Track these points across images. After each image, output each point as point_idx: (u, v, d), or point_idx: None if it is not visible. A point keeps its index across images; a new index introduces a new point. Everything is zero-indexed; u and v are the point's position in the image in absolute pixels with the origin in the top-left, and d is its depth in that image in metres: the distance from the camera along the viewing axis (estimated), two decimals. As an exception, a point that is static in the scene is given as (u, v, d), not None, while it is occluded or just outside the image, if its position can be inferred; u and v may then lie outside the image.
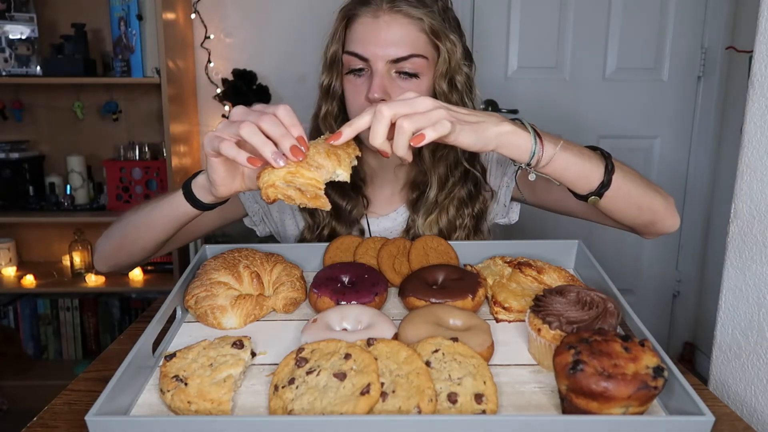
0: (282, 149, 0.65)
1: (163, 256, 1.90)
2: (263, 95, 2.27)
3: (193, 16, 2.30)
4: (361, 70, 0.94)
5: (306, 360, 0.59)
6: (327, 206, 0.66)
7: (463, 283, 0.76)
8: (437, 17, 0.94)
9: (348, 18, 0.95)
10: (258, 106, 0.69)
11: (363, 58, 0.92)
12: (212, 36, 2.32)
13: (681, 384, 0.53)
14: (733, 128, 2.30)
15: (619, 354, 0.52)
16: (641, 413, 0.52)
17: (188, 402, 0.56)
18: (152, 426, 0.52)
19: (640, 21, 2.32)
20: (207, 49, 2.32)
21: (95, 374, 0.71)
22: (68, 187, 2.30)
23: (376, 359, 0.58)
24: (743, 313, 0.80)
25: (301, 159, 0.65)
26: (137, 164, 2.25)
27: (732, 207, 0.82)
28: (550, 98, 2.39)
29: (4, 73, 2.14)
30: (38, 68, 2.17)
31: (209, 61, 2.33)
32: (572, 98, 2.39)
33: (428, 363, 0.58)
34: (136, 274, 2.30)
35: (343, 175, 0.68)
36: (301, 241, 1.07)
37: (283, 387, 0.56)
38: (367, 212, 1.07)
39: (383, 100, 0.91)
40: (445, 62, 0.95)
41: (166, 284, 2.23)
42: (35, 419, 0.61)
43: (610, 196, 0.78)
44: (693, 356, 2.57)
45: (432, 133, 0.65)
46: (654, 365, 0.52)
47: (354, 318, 0.69)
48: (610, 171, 0.76)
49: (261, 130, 0.65)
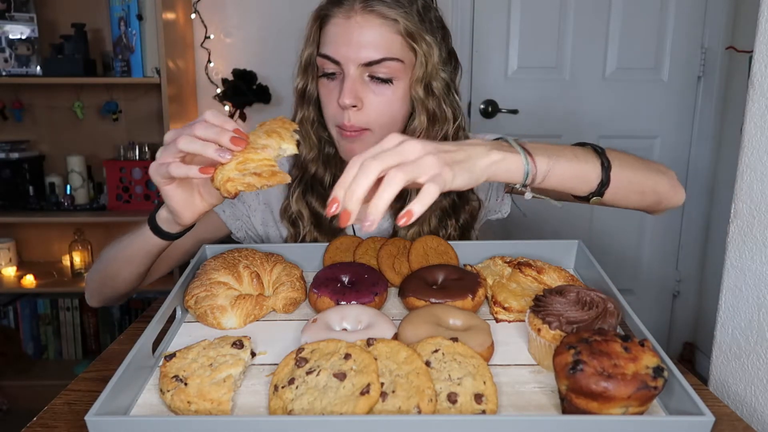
0: (223, 144, 0.66)
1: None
2: (263, 95, 2.27)
3: (193, 16, 2.30)
4: (334, 74, 0.91)
5: (306, 360, 0.59)
6: (287, 179, 0.67)
7: (463, 283, 0.76)
8: (414, 18, 0.89)
9: (321, 19, 0.92)
10: (187, 124, 0.70)
11: (335, 61, 0.89)
12: (212, 36, 2.32)
13: (681, 384, 0.53)
14: (733, 128, 2.30)
15: (619, 354, 0.52)
16: (641, 413, 0.52)
17: (188, 402, 0.56)
18: (152, 426, 0.52)
19: (640, 21, 2.32)
20: (207, 49, 2.32)
21: (95, 374, 0.71)
22: (68, 187, 2.30)
23: (376, 359, 0.58)
24: (743, 313, 0.80)
25: (244, 147, 0.66)
26: (137, 164, 2.24)
27: (732, 207, 0.82)
28: (550, 98, 2.39)
29: (4, 73, 2.14)
30: (38, 68, 2.17)
31: (209, 61, 2.33)
32: (572, 98, 2.39)
33: (428, 363, 0.58)
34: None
35: (290, 149, 0.69)
36: None
37: (283, 387, 0.56)
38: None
39: (354, 106, 0.89)
40: (422, 66, 0.91)
41: (166, 284, 2.21)
42: (35, 419, 0.61)
43: (612, 192, 0.76)
44: (693, 356, 2.57)
45: (419, 207, 0.56)
46: (654, 365, 0.52)
47: (354, 318, 0.69)
48: (607, 168, 0.74)
49: (197, 138, 0.66)
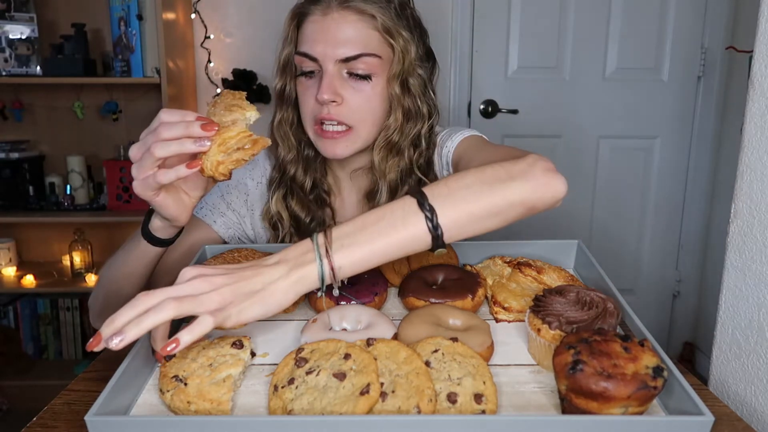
0: (196, 135, 0.66)
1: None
2: (263, 95, 2.27)
3: (193, 16, 2.30)
4: (312, 72, 0.91)
5: (306, 360, 0.59)
6: (268, 141, 0.70)
7: (463, 283, 0.76)
8: (391, 14, 0.89)
9: (299, 17, 0.92)
10: (143, 133, 0.70)
11: (312, 58, 0.89)
12: (212, 36, 2.32)
13: (681, 384, 0.53)
14: (733, 128, 2.30)
15: (619, 354, 0.52)
16: (641, 413, 0.52)
17: (188, 402, 0.56)
18: (152, 426, 0.52)
19: (640, 21, 2.32)
20: (207, 49, 2.32)
21: (95, 374, 0.71)
22: (68, 187, 2.30)
23: (376, 359, 0.58)
24: (743, 313, 0.80)
25: (217, 129, 0.67)
26: (137, 164, 2.24)
27: (732, 207, 0.82)
28: (550, 98, 2.39)
29: (4, 73, 2.14)
30: (38, 68, 2.17)
31: (209, 61, 2.33)
32: (572, 98, 2.39)
33: (428, 363, 0.58)
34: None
35: (254, 115, 0.71)
36: None
37: (283, 387, 0.56)
38: (335, 222, 1.03)
39: (334, 101, 0.88)
40: (399, 62, 0.91)
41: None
42: (35, 419, 0.61)
43: (455, 233, 0.64)
44: (693, 356, 2.57)
45: (188, 337, 0.55)
46: (654, 365, 0.52)
47: (354, 318, 0.69)
48: (432, 218, 0.62)
49: (169, 140, 0.66)
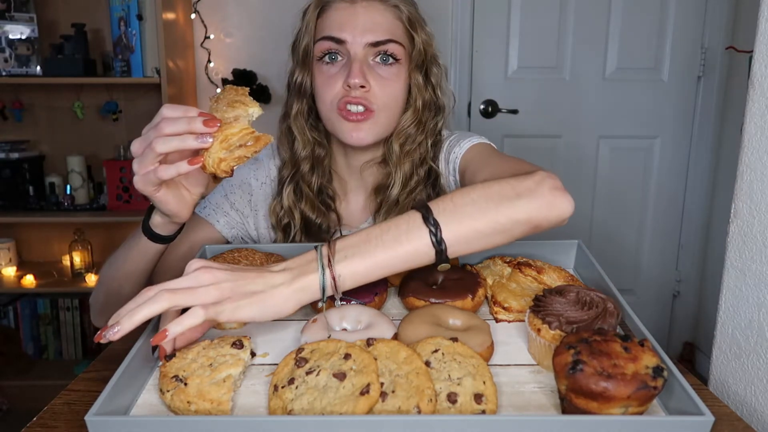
0: (198, 131, 0.66)
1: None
2: (263, 95, 2.27)
3: (193, 16, 2.30)
4: (335, 58, 0.91)
5: (306, 360, 0.59)
6: (270, 138, 0.69)
7: (463, 283, 0.76)
8: (414, 9, 0.94)
9: (321, 8, 0.93)
10: (145, 128, 0.69)
11: (339, 41, 0.89)
12: (212, 36, 2.32)
13: (681, 384, 0.53)
14: (733, 128, 2.30)
15: (619, 354, 0.52)
16: (641, 413, 0.52)
17: (188, 402, 0.56)
18: (152, 426, 0.52)
19: (640, 21, 2.32)
20: (207, 49, 2.32)
21: (95, 374, 0.71)
22: (68, 187, 2.30)
23: (376, 359, 0.58)
24: (743, 313, 0.80)
25: (219, 125, 0.66)
26: (137, 164, 2.24)
27: (732, 207, 0.82)
28: (550, 98, 2.39)
29: (4, 73, 2.14)
30: (38, 68, 2.17)
31: (209, 61, 2.33)
32: (572, 98, 2.39)
33: (428, 363, 0.58)
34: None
35: (257, 111, 0.70)
36: None
37: (283, 387, 0.56)
38: (341, 227, 1.04)
39: (362, 87, 0.89)
40: (421, 54, 0.94)
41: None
42: (35, 419, 0.61)
43: (457, 250, 0.64)
44: (693, 356, 2.57)
45: (178, 328, 0.57)
46: (654, 365, 0.52)
47: (354, 318, 0.69)
48: (437, 236, 0.62)
49: (170, 135, 0.66)
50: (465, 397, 0.54)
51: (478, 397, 0.54)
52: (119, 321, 0.56)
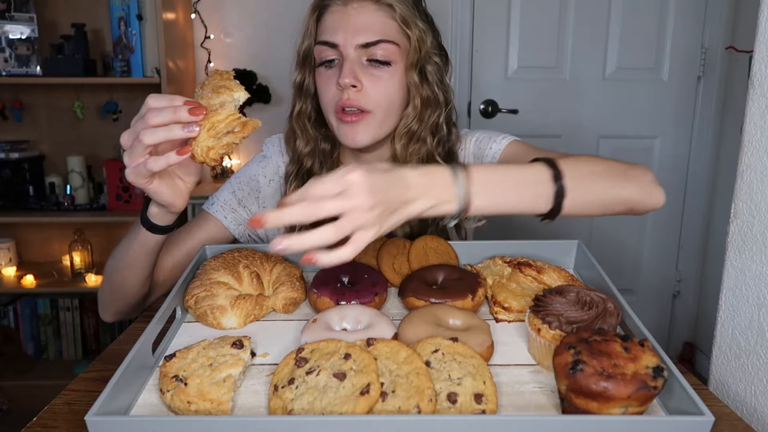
0: (184, 120, 0.65)
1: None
2: (263, 95, 2.27)
3: (193, 16, 2.30)
4: (332, 61, 0.93)
5: (306, 360, 0.59)
6: (258, 123, 0.68)
7: (463, 283, 0.76)
8: (408, 6, 0.93)
9: (319, 11, 0.95)
10: (133, 120, 0.69)
11: (333, 45, 0.91)
12: (212, 36, 2.32)
13: (681, 384, 0.53)
14: (733, 128, 2.30)
15: (619, 354, 0.52)
16: (641, 413, 0.52)
17: (188, 402, 0.56)
18: (152, 426, 0.52)
19: (640, 21, 2.32)
20: (207, 49, 2.32)
21: (95, 374, 0.71)
22: (68, 187, 2.30)
23: (376, 359, 0.58)
24: (743, 313, 0.80)
25: (204, 113, 0.66)
26: (137, 164, 2.24)
27: (732, 207, 0.82)
28: (550, 98, 2.39)
29: (4, 73, 2.14)
30: (38, 68, 2.17)
31: (209, 61, 2.33)
32: (572, 98, 2.39)
33: (428, 363, 0.58)
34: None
35: (243, 95, 0.69)
36: None
37: (283, 387, 0.56)
38: None
39: (354, 87, 0.90)
40: (416, 51, 0.94)
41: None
42: (35, 419, 0.61)
43: (568, 212, 0.69)
44: (693, 356, 2.57)
45: (351, 253, 0.59)
46: (654, 365, 0.52)
47: (354, 318, 0.69)
48: (559, 184, 0.67)
49: (157, 126, 0.66)
50: (465, 397, 0.54)
51: (478, 397, 0.54)
52: (289, 244, 0.57)
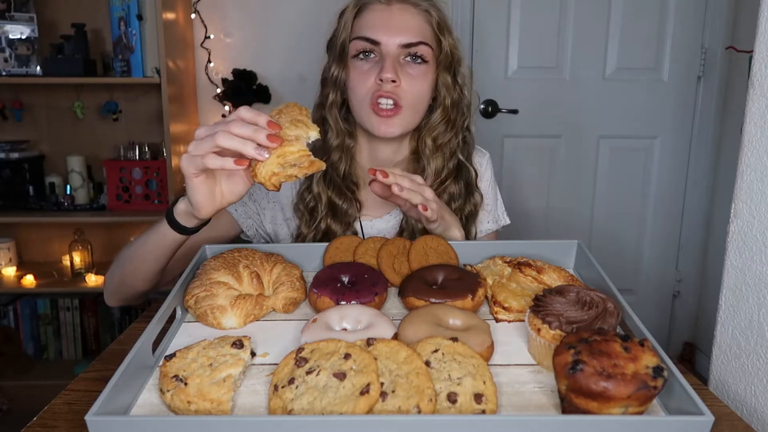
0: (260, 142, 0.69)
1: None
2: (263, 95, 2.27)
3: (193, 16, 2.30)
4: (369, 55, 0.98)
5: (306, 360, 0.59)
6: (323, 165, 0.72)
7: (463, 283, 0.76)
8: (442, 14, 1.02)
9: (359, 8, 1.01)
10: (217, 121, 0.72)
11: (374, 42, 0.97)
12: (212, 36, 2.32)
13: (681, 384, 0.53)
14: (733, 128, 2.30)
15: (619, 354, 0.52)
16: (641, 413, 0.52)
17: (188, 402, 0.56)
18: (152, 426, 0.52)
19: (640, 21, 2.32)
20: (207, 49, 2.32)
21: (95, 374, 0.71)
22: (68, 187, 2.30)
23: (376, 359, 0.58)
24: (743, 313, 0.80)
25: (280, 144, 0.69)
26: (137, 164, 2.24)
27: (732, 207, 0.82)
28: (550, 98, 2.39)
29: (4, 73, 2.14)
30: (38, 68, 2.17)
31: (209, 61, 2.33)
32: (572, 98, 2.39)
33: (428, 363, 0.58)
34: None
35: (315, 135, 0.73)
36: (298, 236, 1.08)
37: (283, 387, 0.56)
38: (360, 215, 1.08)
39: (394, 81, 0.96)
40: (448, 56, 1.01)
41: (166, 284, 2.23)
42: (35, 419, 0.61)
43: None
44: (693, 356, 2.57)
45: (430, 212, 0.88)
46: (654, 365, 0.52)
47: (354, 318, 0.69)
48: None
49: (235, 135, 0.69)
50: (465, 397, 0.54)
51: (478, 397, 0.54)
52: (391, 174, 0.83)
